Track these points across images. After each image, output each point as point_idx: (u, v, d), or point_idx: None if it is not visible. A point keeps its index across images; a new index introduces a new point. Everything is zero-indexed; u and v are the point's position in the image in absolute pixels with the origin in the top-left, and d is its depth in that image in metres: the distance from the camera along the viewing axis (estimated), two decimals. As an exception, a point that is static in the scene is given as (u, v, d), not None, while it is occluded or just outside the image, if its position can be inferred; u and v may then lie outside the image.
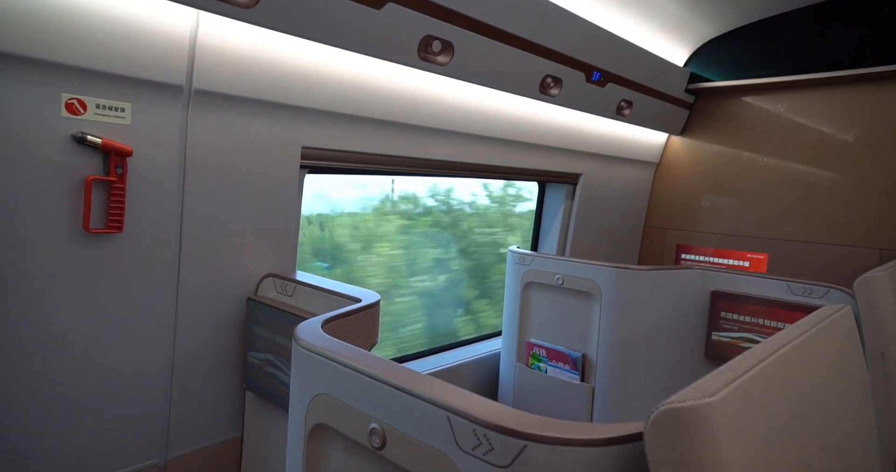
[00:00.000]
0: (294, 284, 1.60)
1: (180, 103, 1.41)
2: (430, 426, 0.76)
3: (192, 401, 1.60)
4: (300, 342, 0.99)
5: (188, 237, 1.51)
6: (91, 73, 1.24)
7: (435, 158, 2.13)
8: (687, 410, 0.56)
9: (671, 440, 0.57)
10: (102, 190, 1.33)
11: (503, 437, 0.68)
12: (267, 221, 1.69)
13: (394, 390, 0.81)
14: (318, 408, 0.95)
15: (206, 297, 1.59)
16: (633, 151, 3.12)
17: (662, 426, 0.57)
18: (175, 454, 1.58)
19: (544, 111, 2.44)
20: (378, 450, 0.83)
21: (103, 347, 1.40)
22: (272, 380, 1.55)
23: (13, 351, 1.26)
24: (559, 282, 2.23)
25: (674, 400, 0.58)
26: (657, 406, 0.58)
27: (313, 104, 1.65)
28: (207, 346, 1.62)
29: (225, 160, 1.54)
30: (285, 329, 1.50)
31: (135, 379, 1.47)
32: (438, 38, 1.68)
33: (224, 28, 1.40)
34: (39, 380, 1.31)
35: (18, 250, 1.23)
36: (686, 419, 0.56)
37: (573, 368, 2.19)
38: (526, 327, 2.40)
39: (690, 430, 0.56)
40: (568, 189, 2.99)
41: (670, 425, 0.57)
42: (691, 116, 3.20)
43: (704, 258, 3.16)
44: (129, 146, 1.34)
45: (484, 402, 0.75)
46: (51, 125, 1.22)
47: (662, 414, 0.58)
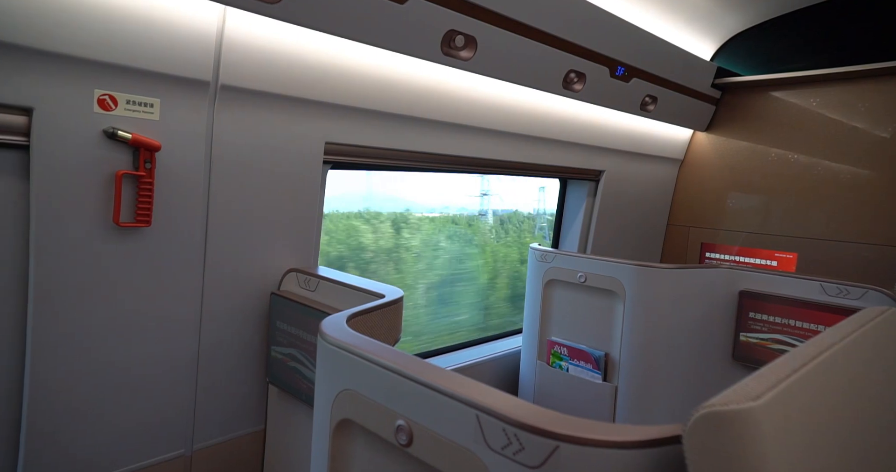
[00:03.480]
0: (317, 279, 1.61)
1: (206, 99, 1.42)
2: (459, 424, 0.75)
3: (217, 394, 1.62)
4: (326, 338, 0.99)
5: (213, 232, 1.53)
6: (122, 69, 1.25)
7: (457, 154, 2.12)
8: (730, 414, 0.54)
9: (713, 445, 0.55)
10: (131, 184, 1.35)
11: (534, 437, 0.67)
12: (290, 217, 1.70)
13: (421, 387, 0.80)
14: (343, 404, 0.94)
15: (231, 291, 1.60)
16: (656, 148, 3.06)
17: (704, 430, 0.55)
18: (201, 445, 1.61)
19: (566, 106, 2.41)
20: (405, 447, 0.83)
21: (132, 339, 1.43)
22: (295, 374, 1.56)
23: (49, 342, 1.29)
24: (581, 280, 2.20)
25: (715, 403, 0.56)
26: (697, 409, 0.56)
27: (336, 100, 1.65)
28: (231, 339, 1.63)
29: (249, 155, 1.55)
30: (309, 324, 1.51)
31: (162, 371, 1.50)
32: (462, 32, 1.66)
33: (250, 24, 1.41)
34: (73, 371, 1.34)
35: (54, 243, 1.26)
36: (729, 423, 0.54)
37: (595, 367, 2.16)
38: (547, 325, 2.38)
39: (734, 435, 0.54)
40: (590, 186, 2.95)
41: (712, 428, 0.55)
42: (717, 112, 3.13)
43: (730, 257, 3.09)
44: (158, 141, 1.35)
45: (514, 401, 0.74)
46: (84, 121, 1.24)
47: (704, 417, 0.56)
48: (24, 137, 1.18)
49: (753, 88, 2.97)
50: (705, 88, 2.89)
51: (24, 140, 1.19)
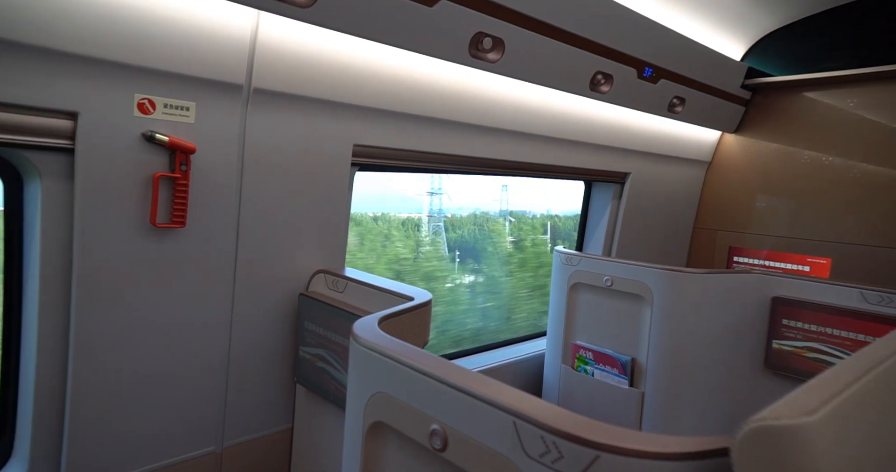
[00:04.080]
0: (345, 280, 1.62)
1: (240, 102, 1.45)
2: (495, 431, 0.75)
3: (246, 392, 1.65)
4: (358, 340, 0.99)
5: (245, 233, 1.55)
6: (161, 74, 1.28)
7: (483, 156, 2.11)
8: (784, 429, 0.53)
9: (765, 460, 0.53)
10: (167, 186, 1.38)
11: (574, 446, 0.66)
12: (318, 218, 1.72)
13: (457, 391, 0.80)
14: (376, 406, 0.95)
15: (261, 291, 1.63)
16: (683, 150, 3.01)
17: (755, 444, 0.54)
18: (231, 442, 1.63)
19: (592, 108, 2.39)
20: (439, 452, 0.83)
21: (166, 337, 1.45)
22: (323, 375, 1.57)
23: (90, 339, 1.33)
24: (608, 284, 2.18)
25: (766, 417, 0.54)
26: (747, 421, 0.55)
27: (365, 102, 1.67)
28: (261, 339, 1.66)
29: (280, 158, 1.57)
30: (337, 325, 1.52)
31: (195, 369, 1.52)
32: (489, 34, 1.66)
33: (282, 28, 1.43)
34: (112, 367, 1.37)
35: (95, 243, 1.29)
36: (783, 438, 0.53)
37: (622, 372, 2.13)
38: (572, 328, 2.35)
39: (788, 451, 0.52)
40: (615, 188, 2.92)
41: (764, 443, 0.53)
42: (747, 113, 3.07)
43: (758, 261, 3.02)
44: (193, 144, 1.38)
45: (552, 408, 0.73)
46: (125, 124, 1.27)
47: (755, 431, 0.54)
48: (69, 141, 1.22)
49: (786, 89, 2.90)
50: (735, 89, 2.83)
51: (70, 143, 1.22)
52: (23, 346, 1.34)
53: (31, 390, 1.31)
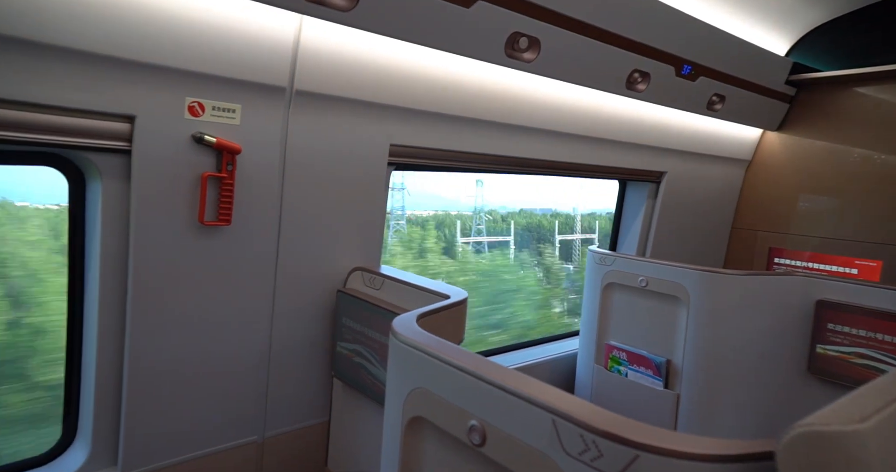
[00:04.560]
0: (382, 278, 1.66)
1: (282, 104, 1.49)
2: (534, 428, 0.76)
3: (286, 385, 1.70)
4: (398, 337, 1.02)
5: (285, 230, 1.60)
6: (209, 77, 1.34)
7: (518, 155, 2.12)
8: (833, 435, 0.52)
9: (812, 466, 0.52)
10: (214, 186, 1.44)
11: (614, 445, 0.67)
12: (355, 217, 1.76)
13: (496, 389, 0.81)
14: (415, 401, 0.97)
15: (300, 287, 1.68)
16: (722, 148, 2.94)
17: (802, 449, 0.53)
18: (271, 433, 1.69)
19: (629, 107, 2.36)
20: (478, 447, 0.85)
21: (212, 331, 1.52)
22: (360, 370, 1.61)
23: (144, 332, 1.40)
24: (643, 284, 2.15)
25: (814, 422, 0.54)
26: (794, 426, 0.54)
27: (402, 102, 1.69)
28: (300, 334, 1.71)
29: (319, 158, 1.62)
30: (375, 322, 1.55)
31: (238, 361, 1.59)
32: (525, 34, 1.66)
33: (323, 32, 1.47)
34: (163, 359, 1.44)
35: (149, 240, 1.36)
36: (832, 444, 0.52)
37: (656, 373, 2.11)
38: (606, 328, 2.34)
39: (837, 457, 0.52)
40: (650, 188, 2.87)
41: (812, 448, 0.53)
42: (791, 110, 2.96)
43: (801, 263, 2.93)
44: (238, 145, 1.44)
45: (591, 407, 0.74)
46: (177, 126, 1.33)
47: (802, 436, 0.53)
48: (126, 143, 1.29)
49: (834, 85, 2.79)
50: (779, 86, 2.74)
51: (127, 145, 1.29)
52: (84, 337, 1.43)
53: (92, 378, 1.39)
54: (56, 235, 1.54)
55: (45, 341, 1.54)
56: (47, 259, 1.57)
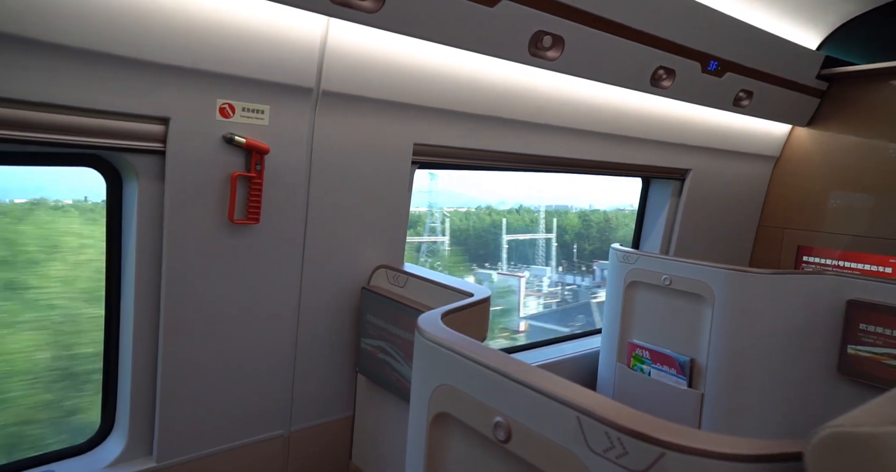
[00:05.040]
0: (406, 276, 1.68)
1: (309, 104, 1.52)
2: (559, 425, 0.77)
3: (311, 380, 1.74)
4: (424, 334, 1.03)
5: (312, 229, 1.64)
6: (239, 79, 1.37)
7: (541, 153, 2.12)
8: (864, 437, 0.51)
9: (842, 469, 0.52)
10: (244, 185, 1.48)
11: (639, 442, 0.67)
12: (379, 215, 1.78)
13: (521, 386, 0.83)
14: (440, 398, 0.99)
15: (326, 284, 1.71)
16: (749, 145, 2.88)
17: (831, 451, 0.53)
18: (297, 427, 1.73)
19: (653, 103, 2.33)
20: (503, 443, 0.86)
21: (241, 327, 1.56)
22: (384, 366, 1.64)
23: (177, 327, 1.45)
24: (666, 282, 2.13)
25: (845, 423, 0.53)
26: (823, 427, 0.54)
27: (425, 102, 1.71)
28: (325, 330, 1.74)
29: (345, 157, 1.65)
30: (399, 319, 1.58)
31: (265, 356, 1.63)
32: (549, 32, 1.66)
33: (349, 33, 1.49)
34: (195, 353, 1.49)
35: (182, 238, 1.41)
36: (863, 446, 0.51)
37: (680, 372, 2.09)
38: (628, 327, 2.32)
39: (868, 460, 0.51)
40: (674, 185, 2.83)
41: (842, 450, 0.52)
42: (822, 105, 2.89)
43: (831, 262, 2.86)
44: (267, 145, 1.47)
45: (616, 405, 0.75)
46: (208, 127, 1.37)
47: (832, 437, 0.53)
48: (161, 144, 1.33)
49: (868, 78, 2.71)
50: (809, 80, 2.68)
51: (161, 146, 1.34)
52: (121, 331, 1.49)
53: (128, 372, 1.45)
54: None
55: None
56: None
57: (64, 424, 1.57)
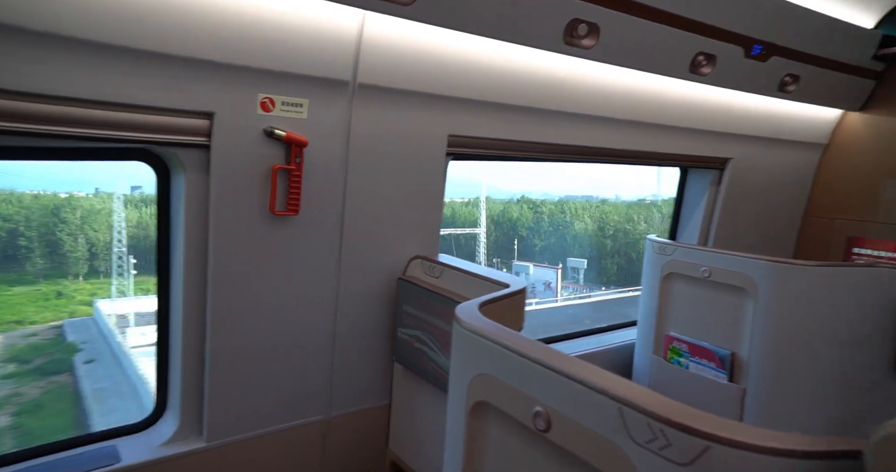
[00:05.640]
0: (441, 266, 1.69)
1: (346, 97, 1.55)
2: (600, 415, 0.77)
3: (349, 368, 1.79)
4: (462, 323, 1.05)
5: (349, 220, 1.67)
6: (279, 74, 1.41)
7: (576, 144, 2.09)
8: None
9: None
10: (284, 177, 1.52)
11: (684, 435, 0.67)
12: (414, 206, 1.80)
13: (561, 376, 0.83)
14: (479, 387, 1.00)
15: (362, 275, 1.75)
16: (795, 132, 2.77)
17: None
18: (336, 413, 1.78)
19: (693, 90, 2.26)
20: (543, 432, 0.87)
21: (281, 316, 1.61)
22: (421, 356, 1.66)
23: (222, 315, 1.51)
24: (705, 275, 2.08)
25: None
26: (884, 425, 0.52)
27: (460, 93, 1.71)
28: (362, 319, 1.78)
29: (381, 149, 1.67)
30: (435, 309, 1.60)
31: (306, 344, 1.68)
32: (585, 20, 1.63)
33: (384, 25, 1.50)
34: (240, 340, 1.55)
35: (226, 229, 1.46)
36: None
37: (720, 366, 2.04)
38: (665, 319, 2.28)
39: None
40: (714, 175, 2.75)
41: None
42: (878, 88, 2.74)
43: (886, 254, 2.72)
44: (306, 138, 1.50)
45: (658, 396, 0.74)
46: (250, 122, 1.41)
47: None
48: (206, 138, 1.38)
49: None
50: (864, 62, 2.54)
51: (206, 140, 1.38)
52: (171, 318, 1.56)
53: (179, 357, 1.52)
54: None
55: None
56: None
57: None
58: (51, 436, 1.49)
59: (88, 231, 6.96)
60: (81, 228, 6.88)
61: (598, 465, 0.79)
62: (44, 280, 6.33)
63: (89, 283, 7.18)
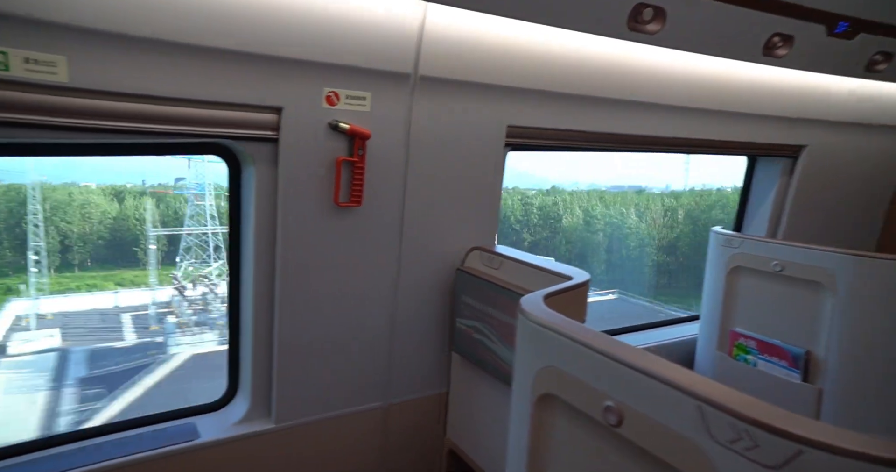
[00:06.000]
0: (500, 258, 1.69)
1: (407, 90, 1.56)
2: (676, 412, 0.76)
3: (408, 356, 1.82)
4: (528, 315, 1.04)
5: (409, 211, 1.69)
6: (344, 68, 1.44)
7: (638, 133, 2.02)
8: None
9: None
10: (347, 169, 1.55)
11: (773, 437, 0.64)
12: (473, 198, 1.80)
13: (634, 371, 0.81)
14: (546, 379, 1.00)
15: (422, 265, 1.77)
16: (882, 115, 2.56)
17: None
18: (395, 400, 1.83)
19: (765, 73, 2.13)
20: (613, 427, 0.85)
21: (343, 304, 1.66)
22: (480, 346, 1.67)
23: (289, 303, 1.57)
24: (777, 269, 1.98)
25: None
26: None
27: (519, 83, 1.69)
28: (421, 309, 1.81)
29: (440, 140, 1.67)
30: (495, 300, 1.60)
31: (367, 332, 1.72)
32: (650, 4, 1.57)
33: (445, 16, 1.50)
34: (305, 327, 1.61)
35: (293, 220, 1.52)
36: None
37: (792, 365, 1.94)
38: (731, 314, 2.19)
39: None
40: (785, 163, 2.60)
41: None
42: None
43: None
44: (368, 130, 1.53)
45: (740, 395, 0.72)
46: (315, 115, 1.46)
47: None
48: (274, 132, 1.43)
49: None
50: None
51: (275, 134, 1.43)
52: (241, 305, 1.64)
53: (249, 342, 1.60)
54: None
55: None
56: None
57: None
58: None
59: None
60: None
61: (674, 462, 0.77)
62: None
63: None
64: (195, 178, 13.56)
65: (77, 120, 1.20)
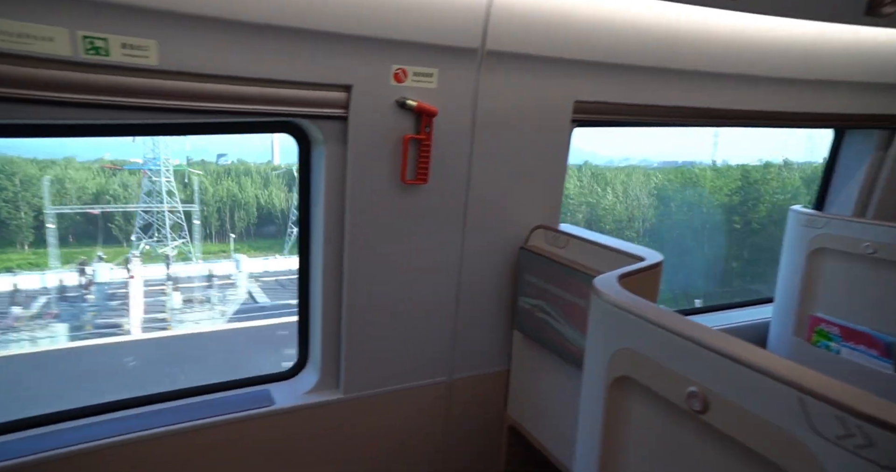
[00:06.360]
0: (566, 237, 1.66)
1: (474, 65, 1.53)
2: (772, 402, 0.72)
3: (471, 332, 1.84)
4: (602, 296, 1.02)
5: (474, 189, 1.68)
6: (411, 44, 1.42)
7: (713, 106, 1.90)
8: None
9: None
10: (414, 147, 1.55)
11: (890, 435, 0.60)
12: (538, 175, 1.76)
13: (723, 358, 0.78)
14: (622, 361, 0.98)
15: (485, 243, 1.76)
16: None
17: None
18: (458, 375, 1.86)
19: (858, 37, 1.93)
20: (698, 413, 0.83)
21: (409, 280, 1.69)
22: (543, 325, 1.66)
23: (357, 277, 1.61)
24: (869, 251, 1.83)
25: None
26: None
27: (587, 56, 1.62)
28: (484, 286, 1.81)
29: (506, 117, 1.64)
30: (560, 280, 1.57)
31: (431, 308, 1.75)
32: None
33: None
34: (372, 300, 1.65)
35: (362, 197, 1.54)
36: None
37: (883, 354, 1.81)
38: (810, 298, 2.06)
39: None
40: (879, 136, 2.37)
41: None
42: None
43: None
44: (435, 107, 1.51)
45: (848, 388, 0.67)
46: (383, 93, 1.45)
47: None
48: (343, 110, 1.44)
49: None
50: None
51: (344, 112, 1.45)
52: (311, 279, 1.69)
53: (318, 315, 1.66)
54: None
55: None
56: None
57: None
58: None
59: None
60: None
61: (767, 454, 0.74)
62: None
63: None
64: (149, 154, 13.70)
65: (163, 101, 1.25)
